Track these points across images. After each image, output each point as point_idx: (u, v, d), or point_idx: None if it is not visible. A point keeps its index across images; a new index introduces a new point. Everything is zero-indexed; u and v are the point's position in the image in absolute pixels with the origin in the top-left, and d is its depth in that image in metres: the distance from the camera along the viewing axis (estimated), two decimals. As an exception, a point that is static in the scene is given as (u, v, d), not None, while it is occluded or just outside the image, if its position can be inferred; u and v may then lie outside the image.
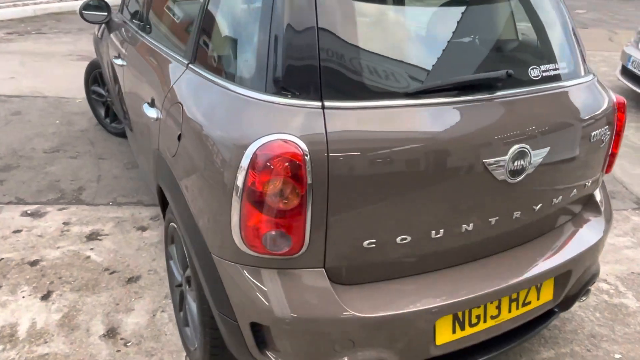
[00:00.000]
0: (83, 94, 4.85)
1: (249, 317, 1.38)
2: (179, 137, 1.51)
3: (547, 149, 1.50)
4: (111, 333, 2.08)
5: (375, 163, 1.29)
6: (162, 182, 1.72)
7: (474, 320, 1.54)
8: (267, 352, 1.42)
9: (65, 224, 2.87)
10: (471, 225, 1.47)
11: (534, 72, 1.54)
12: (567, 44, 1.68)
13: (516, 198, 1.52)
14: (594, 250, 1.76)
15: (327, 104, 1.28)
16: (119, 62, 2.56)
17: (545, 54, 1.61)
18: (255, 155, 1.25)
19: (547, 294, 1.70)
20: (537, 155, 1.48)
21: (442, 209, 1.41)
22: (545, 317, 1.79)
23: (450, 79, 1.37)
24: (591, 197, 1.88)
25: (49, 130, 4.10)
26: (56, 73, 5.60)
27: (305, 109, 1.28)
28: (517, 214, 1.55)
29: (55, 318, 2.15)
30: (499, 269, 1.56)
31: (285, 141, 1.24)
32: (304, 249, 1.32)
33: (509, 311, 1.61)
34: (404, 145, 1.30)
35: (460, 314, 1.49)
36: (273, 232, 1.29)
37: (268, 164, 1.24)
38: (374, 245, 1.38)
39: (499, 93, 1.45)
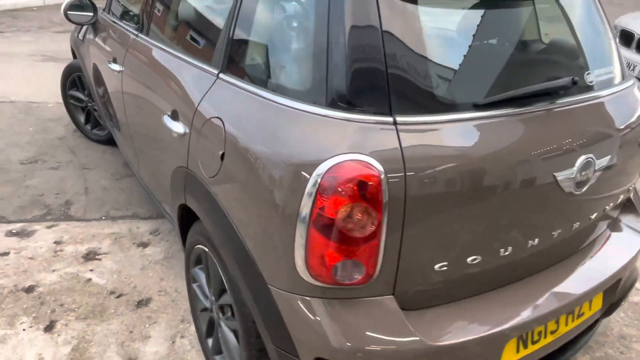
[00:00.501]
0: (55, 98, 4.57)
1: (314, 352, 1.26)
2: (222, 156, 1.37)
3: (608, 157, 1.45)
4: (129, 365, 1.92)
5: (451, 181, 1.19)
6: (194, 203, 1.57)
7: (535, 337, 1.48)
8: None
9: (57, 243, 2.65)
10: (536, 240, 1.41)
11: (589, 78, 1.48)
12: (611, 47, 1.64)
13: (578, 209, 1.46)
14: (638, 255, 1.73)
15: (398, 118, 1.17)
16: (114, 67, 2.36)
17: (596, 58, 1.56)
18: (324, 178, 1.13)
19: (598, 303, 1.66)
20: (600, 165, 1.43)
21: (513, 225, 1.33)
22: (592, 325, 1.76)
23: (521, 88, 1.29)
24: (628, 200, 1.86)
25: (23, 139, 3.80)
26: (21, 75, 5.23)
27: (376, 124, 1.17)
28: (576, 225, 1.49)
29: (65, 352, 1.96)
30: (559, 283, 1.51)
31: (359, 162, 1.13)
32: (375, 276, 1.22)
33: (566, 324, 1.56)
34: (480, 161, 1.22)
35: (524, 333, 1.42)
36: (344, 261, 1.18)
37: (340, 187, 1.12)
38: (445, 268, 1.29)
39: (560, 101, 1.38)
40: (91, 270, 2.46)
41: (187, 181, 1.60)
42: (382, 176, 1.13)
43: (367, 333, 1.23)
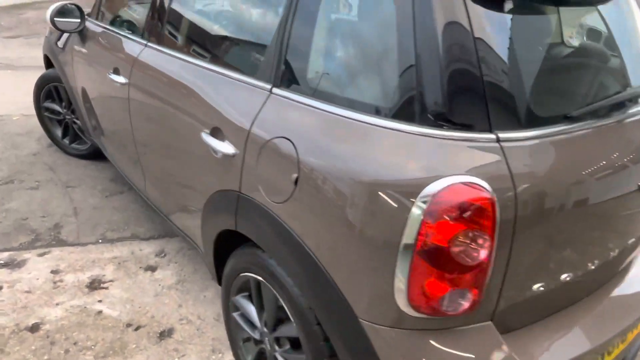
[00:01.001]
0: (20, 110, 4.24)
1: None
2: (296, 181, 1.24)
3: None
4: (164, 406, 1.75)
5: (558, 198, 1.13)
6: (251, 230, 1.43)
7: (610, 349, 1.45)
8: None
9: (54, 272, 2.41)
10: (617, 250, 1.38)
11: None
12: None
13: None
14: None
15: (500, 135, 1.10)
16: (117, 78, 2.16)
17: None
18: (431, 202, 1.04)
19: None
20: None
21: (604, 237, 1.29)
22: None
23: (612, 97, 1.25)
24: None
25: (-8, 157, 3.48)
26: (-24, 86, 4.82)
27: (479, 143, 1.09)
28: None
29: (91, 398, 1.77)
30: (632, 292, 1.49)
31: (468, 184, 1.04)
32: (481, 303, 1.14)
33: (631, 332, 1.55)
34: (582, 175, 1.16)
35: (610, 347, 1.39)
36: (452, 291, 1.10)
37: (450, 212, 1.04)
38: (542, 288, 1.23)
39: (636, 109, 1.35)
40: (99, 301, 2.25)
41: (239, 206, 1.46)
42: (494, 198, 1.05)
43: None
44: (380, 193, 1.10)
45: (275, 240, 1.34)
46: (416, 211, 1.06)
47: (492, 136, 1.09)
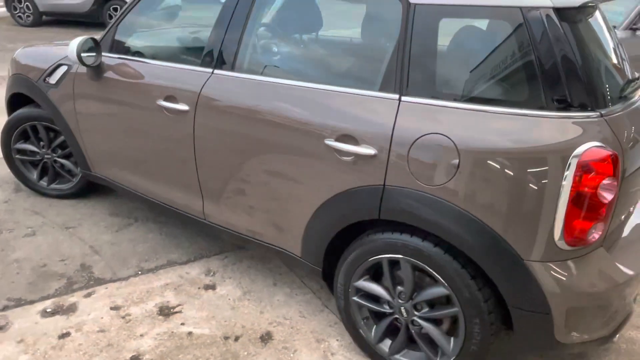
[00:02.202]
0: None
1: (567, 303, 1.58)
2: (458, 165, 1.59)
3: None
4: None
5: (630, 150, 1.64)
6: (404, 214, 1.72)
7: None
8: (573, 333, 1.64)
9: (115, 308, 2.36)
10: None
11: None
12: None
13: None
14: None
15: (602, 112, 1.57)
16: (176, 106, 2.24)
17: None
18: (579, 161, 1.48)
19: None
20: None
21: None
22: None
23: (631, 85, 1.80)
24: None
25: (-43, 211, 3.13)
26: None
27: (591, 118, 1.54)
28: None
29: (240, 402, 1.86)
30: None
31: (599, 146, 1.50)
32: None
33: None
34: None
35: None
36: (594, 225, 1.54)
37: (594, 166, 1.48)
38: (621, 219, 1.74)
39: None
40: (182, 323, 2.29)
41: (385, 197, 1.74)
42: (616, 153, 1.51)
43: (602, 278, 1.61)
44: (541, 160, 1.51)
45: (436, 215, 1.65)
46: (570, 169, 1.48)
47: (597, 113, 1.56)
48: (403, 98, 1.74)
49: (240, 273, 2.66)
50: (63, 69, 2.80)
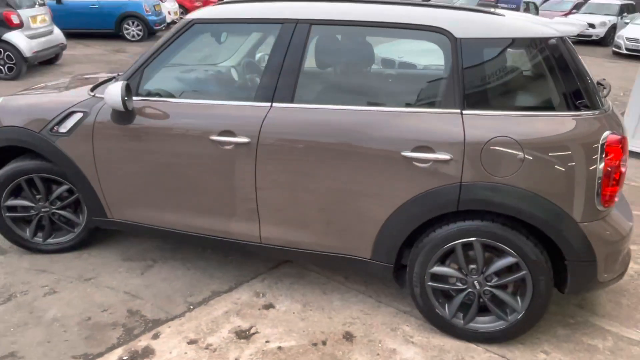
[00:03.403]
0: None
1: (609, 248, 2.15)
2: (522, 159, 2.08)
3: None
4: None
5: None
6: (476, 204, 2.13)
7: None
8: (606, 274, 2.21)
9: (192, 342, 2.41)
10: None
11: None
12: None
13: None
14: None
15: (603, 109, 2.18)
16: (232, 140, 2.41)
17: None
18: (607, 145, 2.06)
19: None
20: None
21: None
22: None
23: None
24: None
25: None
26: None
27: (599, 115, 2.15)
28: None
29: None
30: None
31: (613, 133, 2.10)
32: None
33: None
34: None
35: None
36: (618, 190, 2.12)
37: (615, 146, 2.08)
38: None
39: None
40: (267, 341, 2.43)
41: (463, 191, 2.15)
42: (625, 137, 2.13)
43: (623, 225, 2.22)
44: (581, 146, 2.06)
45: (510, 199, 2.11)
46: (601, 151, 2.05)
47: (601, 110, 2.17)
48: (464, 111, 2.18)
49: (287, 290, 2.85)
50: (77, 116, 2.74)
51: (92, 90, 2.91)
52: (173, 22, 14.55)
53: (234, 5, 2.58)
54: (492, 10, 2.33)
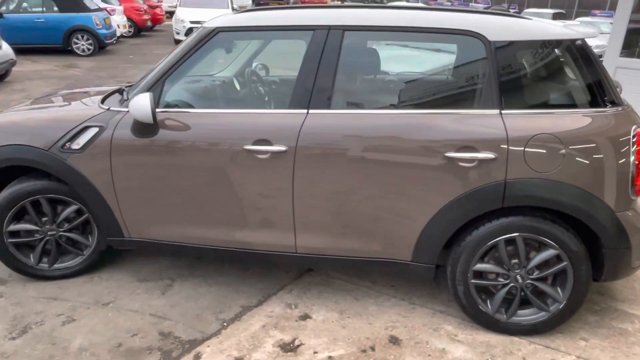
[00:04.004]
0: None
1: (638, 238, 2.27)
2: (563, 154, 2.16)
3: None
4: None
5: None
6: (523, 199, 2.21)
7: None
8: (637, 260, 2.34)
9: (238, 358, 2.31)
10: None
11: None
12: None
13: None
14: None
15: (624, 106, 2.33)
16: (268, 149, 2.36)
17: None
18: (637, 138, 2.19)
19: None
20: None
21: None
22: None
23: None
24: None
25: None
26: None
27: (623, 110, 2.29)
28: None
29: None
30: None
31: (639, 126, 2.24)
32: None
33: None
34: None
35: None
36: (649, 179, 2.27)
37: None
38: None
39: None
40: (315, 352, 2.38)
41: (507, 188, 2.21)
42: (647, 131, 2.28)
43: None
44: (616, 139, 2.18)
45: (554, 194, 2.20)
46: (633, 144, 2.18)
47: (624, 106, 2.31)
48: (503, 111, 2.26)
49: (317, 299, 2.81)
50: (92, 131, 2.59)
51: (102, 102, 2.76)
52: (122, 36, 14.10)
53: (259, 12, 2.55)
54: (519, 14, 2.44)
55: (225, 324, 2.61)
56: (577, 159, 2.20)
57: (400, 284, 2.94)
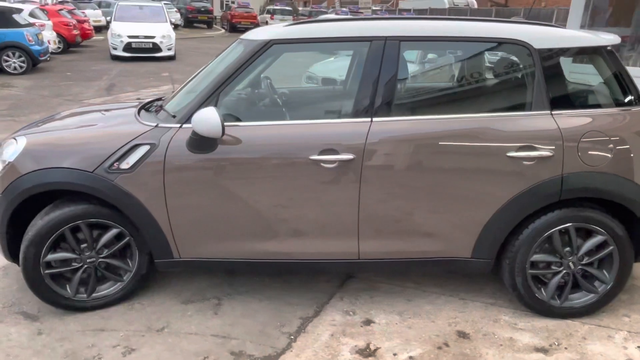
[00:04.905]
0: None
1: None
2: (612, 150, 2.39)
3: None
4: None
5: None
6: (578, 191, 2.41)
7: None
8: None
9: (323, 370, 2.30)
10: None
11: None
12: None
13: None
14: None
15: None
16: (335, 158, 2.39)
17: None
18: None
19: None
20: None
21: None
22: None
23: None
24: None
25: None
26: None
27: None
28: None
29: None
30: None
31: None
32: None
33: None
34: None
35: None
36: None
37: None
38: None
39: None
40: (394, 354, 2.42)
41: (564, 182, 2.40)
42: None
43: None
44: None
45: (605, 185, 2.42)
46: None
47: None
48: (553, 112, 2.46)
49: (371, 304, 2.86)
50: (143, 149, 2.47)
51: (144, 119, 2.65)
52: (52, 53, 13.26)
53: (314, 24, 2.58)
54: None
55: (292, 337, 2.58)
56: (622, 152, 2.45)
57: (443, 282, 3.06)
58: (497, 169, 2.46)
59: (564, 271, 2.62)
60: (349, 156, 2.44)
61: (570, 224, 2.52)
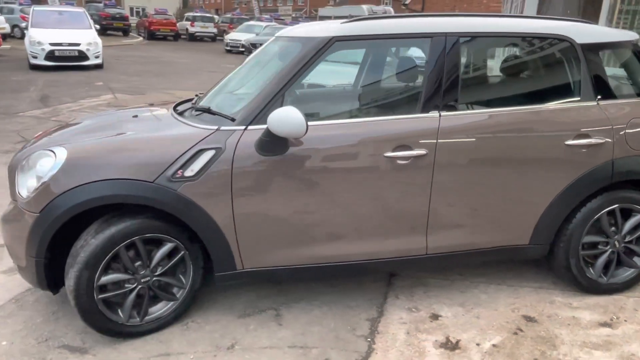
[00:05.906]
0: None
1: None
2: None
3: None
4: None
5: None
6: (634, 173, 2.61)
7: None
8: None
9: (418, 368, 2.27)
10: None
11: None
12: None
13: None
14: None
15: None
16: (408, 154, 2.37)
17: None
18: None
19: None
20: None
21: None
22: None
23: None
24: None
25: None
26: None
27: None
28: None
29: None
30: None
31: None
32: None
33: None
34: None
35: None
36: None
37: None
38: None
39: None
40: (477, 344, 2.45)
41: (615, 166, 2.57)
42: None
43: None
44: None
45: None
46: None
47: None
48: (600, 102, 2.63)
49: (429, 299, 2.87)
50: (208, 154, 2.29)
51: (196, 122, 2.47)
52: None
53: (375, 21, 2.56)
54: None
55: (368, 339, 2.52)
56: (666, 136, 2.69)
57: (483, 271, 3.14)
58: (556, 157, 2.58)
59: (610, 250, 2.81)
60: (422, 151, 2.44)
61: (616, 205, 2.71)
